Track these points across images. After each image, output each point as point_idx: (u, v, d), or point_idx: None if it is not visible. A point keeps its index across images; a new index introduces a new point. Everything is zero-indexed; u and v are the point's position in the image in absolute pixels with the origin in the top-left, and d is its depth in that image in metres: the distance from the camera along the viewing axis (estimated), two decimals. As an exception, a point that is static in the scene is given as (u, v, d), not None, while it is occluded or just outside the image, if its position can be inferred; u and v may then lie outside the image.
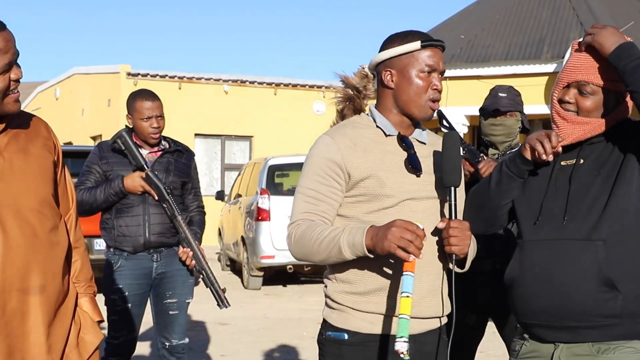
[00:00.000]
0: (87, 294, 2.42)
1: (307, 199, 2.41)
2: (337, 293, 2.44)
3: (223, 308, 4.39)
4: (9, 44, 2.10)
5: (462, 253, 2.33)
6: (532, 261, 2.43)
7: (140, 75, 18.30)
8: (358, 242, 2.26)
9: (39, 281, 2.17)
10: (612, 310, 2.32)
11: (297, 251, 2.41)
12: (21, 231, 2.14)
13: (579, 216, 2.37)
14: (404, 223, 2.19)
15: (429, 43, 2.42)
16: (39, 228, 2.19)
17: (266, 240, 10.69)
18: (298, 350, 7.05)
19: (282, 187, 11.37)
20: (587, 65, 2.42)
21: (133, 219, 4.21)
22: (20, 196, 2.16)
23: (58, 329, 2.24)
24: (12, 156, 2.17)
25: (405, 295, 2.20)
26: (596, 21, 14.92)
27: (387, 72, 2.46)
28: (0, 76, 2.09)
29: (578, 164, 2.44)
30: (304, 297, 10.53)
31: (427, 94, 2.43)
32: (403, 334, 2.17)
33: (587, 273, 2.32)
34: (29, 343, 2.17)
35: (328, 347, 2.45)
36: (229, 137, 19.28)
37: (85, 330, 2.35)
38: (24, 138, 2.23)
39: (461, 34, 16.20)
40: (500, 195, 2.54)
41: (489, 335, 3.87)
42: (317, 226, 2.35)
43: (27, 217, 2.17)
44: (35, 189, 2.21)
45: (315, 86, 19.82)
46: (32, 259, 2.16)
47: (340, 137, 2.44)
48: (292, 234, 2.40)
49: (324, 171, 2.41)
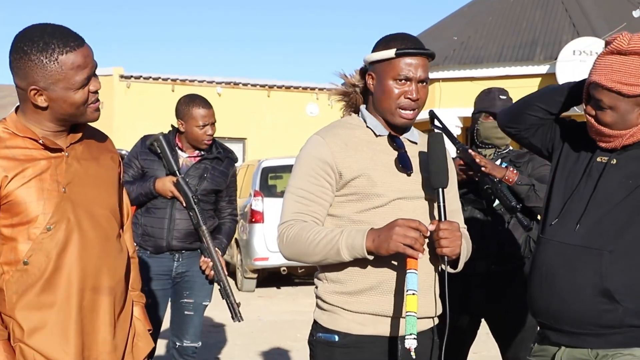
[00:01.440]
0: (140, 303, 2.53)
1: (298, 199, 2.41)
2: (327, 293, 2.44)
3: (236, 321, 4.45)
4: (87, 59, 2.20)
5: (453, 254, 2.33)
6: (541, 260, 2.44)
7: (133, 77, 18.26)
8: (358, 245, 2.26)
9: (108, 282, 2.28)
10: (610, 322, 2.31)
11: (290, 252, 2.40)
12: (95, 233, 2.26)
13: (593, 224, 2.36)
14: (406, 222, 2.21)
15: (403, 52, 2.39)
16: (110, 233, 2.32)
17: (260, 242, 10.69)
18: (292, 352, 7.04)
19: (276, 189, 11.37)
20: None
21: (158, 220, 4.26)
22: (94, 201, 2.29)
23: (121, 331, 2.35)
24: (87, 164, 2.31)
25: (411, 293, 2.21)
26: (589, 23, 14.97)
27: (370, 75, 2.47)
28: (81, 90, 2.20)
29: (610, 163, 2.41)
30: (297, 299, 10.53)
31: (397, 101, 2.41)
32: (412, 331, 2.19)
33: (588, 282, 2.32)
34: (97, 341, 2.27)
35: (319, 349, 2.45)
36: (222, 139, 19.12)
37: (139, 337, 2.45)
38: (96, 148, 2.37)
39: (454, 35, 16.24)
40: (542, 97, 2.60)
41: (482, 336, 3.87)
42: (311, 227, 2.35)
43: (100, 221, 2.29)
44: (107, 197, 2.34)
45: (309, 88, 19.81)
46: (104, 260, 2.28)
47: (331, 137, 2.44)
48: (283, 235, 2.39)
49: (314, 171, 2.41)
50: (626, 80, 2.26)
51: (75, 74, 2.18)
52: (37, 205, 2.17)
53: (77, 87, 2.19)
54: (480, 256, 3.59)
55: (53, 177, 2.21)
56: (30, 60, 2.14)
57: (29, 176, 2.17)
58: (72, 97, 2.20)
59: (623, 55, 2.28)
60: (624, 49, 2.28)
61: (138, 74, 18.50)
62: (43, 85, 2.16)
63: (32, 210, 2.17)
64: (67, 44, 2.17)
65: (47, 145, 2.22)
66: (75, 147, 2.30)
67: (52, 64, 2.15)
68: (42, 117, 2.23)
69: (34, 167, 2.19)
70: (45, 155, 2.22)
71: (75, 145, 2.30)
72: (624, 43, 2.28)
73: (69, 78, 2.17)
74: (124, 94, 17.87)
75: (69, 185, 2.24)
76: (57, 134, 2.26)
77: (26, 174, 2.17)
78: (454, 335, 2.52)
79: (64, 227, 2.20)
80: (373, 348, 2.39)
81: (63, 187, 2.22)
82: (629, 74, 2.26)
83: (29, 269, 2.18)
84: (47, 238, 2.18)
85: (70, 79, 2.17)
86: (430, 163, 2.39)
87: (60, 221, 2.20)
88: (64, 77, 2.17)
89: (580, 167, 2.47)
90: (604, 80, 2.28)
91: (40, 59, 2.14)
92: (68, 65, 2.16)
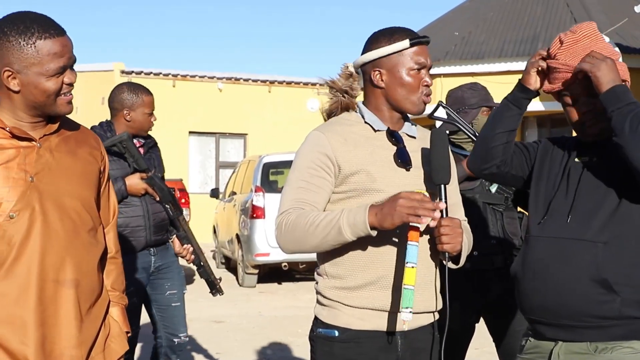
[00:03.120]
0: (119, 304, 2.48)
1: (298, 189, 2.40)
2: (327, 289, 2.43)
3: (217, 295, 4.41)
4: (65, 48, 2.21)
5: (454, 251, 2.33)
6: (533, 257, 2.43)
7: (134, 73, 18.26)
8: (360, 221, 2.23)
9: (73, 275, 2.24)
10: (609, 313, 2.31)
11: (289, 239, 2.36)
12: (62, 224, 2.23)
13: (583, 216, 2.37)
14: (409, 194, 2.21)
15: (416, 41, 2.42)
16: (80, 225, 2.28)
17: (261, 238, 10.69)
18: (292, 348, 7.05)
19: (277, 185, 11.37)
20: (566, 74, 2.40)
21: (134, 219, 4.18)
22: (64, 193, 2.26)
23: (89, 327, 2.29)
24: (61, 155, 2.29)
25: (410, 266, 2.22)
26: (590, 18, 14.94)
27: (376, 71, 2.46)
28: (54, 78, 2.20)
29: (592, 161, 2.43)
30: (298, 294, 10.53)
31: (420, 91, 2.44)
32: (408, 304, 2.20)
33: (584, 274, 2.32)
34: (61, 334, 2.22)
35: (319, 345, 2.45)
36: (223, 134, 19.26)
37: (113, 339, 2.40)
38: (74, 142, 2.35)
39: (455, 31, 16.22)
40: (495, 124, 2.55)
41: (483, 331, 3.87)
42: (310, 212, 2.33)
43: (69, 213, 2.26)
44: (79, 189, 2.31)
45: (310, 83, 19.81)
46: (69, 253, 2.24)
47: (331, 132, 2.44)
48: (282, 223, 2.36)
49: (314, 163, 2.40)
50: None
51: (50, 60, 2.18)
52: (1, 192, 2.16)
53: (50, 75, 2.19)
54: (497, 251, 3.60)
55: (21, 166, 2.20)
56: (9, 41, 2.15)
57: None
58: (44, 84, 2.19)
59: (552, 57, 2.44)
60: (553, 52, 2.43)
61: (139, 69, 18.52)
62: (17, 67, 2.16)
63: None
64: (47, 30, 2.18)
65: (16, 134, 2.21)
66: (50, 138, 2.29)
67: (29, 47, 2.15)
68: (16, 106, 2.22)
69: (1, 155, 2.19)
70: (14, 145, 2.21)
71: (50, 137, 2.29)
72: (555, 47, 2.43)
73: (43, 64, 2.17)
74: (124, 89, 17.85)
75: (38, 175, 2.22)
76: (33, 125, 2.26)
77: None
78: (458, 331, 2.52)
79: (27, 215, 2.18)
80: (372, 343, 2.39)
81: (31, 177, 2.20)
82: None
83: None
84: (10, 226, 2.17)
85: (45, 65, 2.17)
86: (432, 159, 2.39)
87: (24, 209, 2.18)
88: (39, 61, 2.17)
89: (557, 171, 2.49)
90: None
91: (19, 40, 2.15)
92: (45, 51, 2.16)
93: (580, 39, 2.40)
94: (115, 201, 2.56)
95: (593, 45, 2.39)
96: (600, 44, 2.41)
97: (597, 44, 2.40)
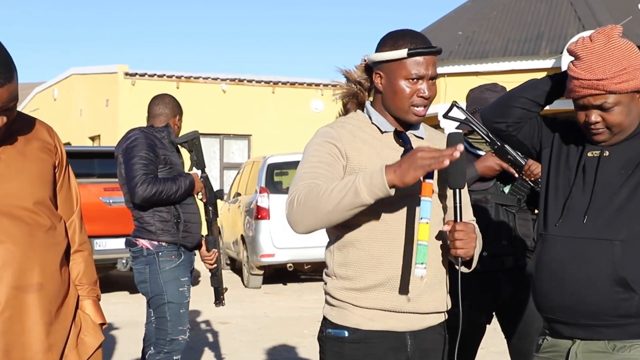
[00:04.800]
0: (90, 297, 2.44)
1: (308, 172, 2.35)
2: (336, 290, 2.43)
3: (219, 306, 4.55)
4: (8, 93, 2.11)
5: (467, 256, 2.32)
6: (549, 256, 2.42)
7: (137, 75, 18.25)
8: (378, 180, 2.16)
9: (37, 279, 2.19)
10: (627, 311, 2.31)
11: (300, 213, 2.26)
12: (18, 229, 2.18)
13: (600, 215, 2.35)
14: (425, 147, 2.18)
15: (416, 52, 2.38)
16: (35, 228, 2.23)
17: (266, 239, 10.68)
18: (298, 349, 7.04)
19: (282, 186, 11.37)
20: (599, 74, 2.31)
21: (194, 216, 4.34)
22: (15, 196, 2.21)
23: (58, 329, 2.25)
24: (9, 159, 2.22)
25: (424, 221, 2.20)
26: (594, 16, 14.92)
27: (378, 74, 2.45)
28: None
29: (603, 156, 2.40)
30: (304, 295, 10.52)
31: (410, 101, 2.40)
32: (422, 260, 2.20)
33: (602, 273, 2.31)
34: (29, 341, 2.18)
35: (329, 345, 2.44)
36: (228, 136, 19.25)
37: (86, 332, 2.37)
38: (22, 141, 2.28)
39: (459, 30, 16.21)
40: (526, 89, 2.56)
41: (489, 332, 3.86)
42: (322, 184, 2.27)
43: (22, 216, 2.21)
44: (31, 190, 2.25)
45: (314, 84, 19.79)
46: (29, 257, 2.19)
47: (340, 128, 2.44)
48: (294, 199, 2.28)
49: (325, 151, 2.38)
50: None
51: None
52: None
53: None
54: (508, 252, 3.59)
55: None
56: None
57: None
58: None
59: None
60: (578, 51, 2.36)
61: (143, 71, 18.51)
62: None
63: None
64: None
65: None
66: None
67: None
68: None
69: None
70: None
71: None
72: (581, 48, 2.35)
73: None
74: (128, 91, 17.88)
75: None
76: None
77: None
78: (468, 332, 2.52)
79: None
80: (382, 343, 2.38)
81: None
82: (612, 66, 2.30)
83: None
84: None
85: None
86: (448, 164, 2.36)
87: None
88: None
89: (572, 164, 2.46)
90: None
91: None
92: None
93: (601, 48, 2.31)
94: (77, 188, 2.50)
95: (621, 56, 2.30)
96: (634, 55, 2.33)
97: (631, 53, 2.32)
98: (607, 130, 2.38)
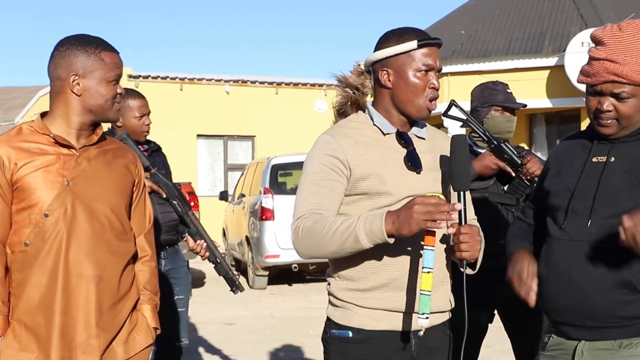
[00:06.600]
0: (150, 303, 2.67)
1: (311, 194, 2.39)
2: (340, 290, 2.44)
3: (237, 292, 4.28)
4: (120, 62, 2.55)
5: (472, 258, 2.33)
6: (555, 260, 2.43)
7: (141, 77, 18.28)
8: (377, 229, 2.21)
9: (97, 272, 2.45)
10: (633, 312, 2.32)
11: (306, 245, 2.35)
12: (90, 225, 2.46)
13: (603, 220, 2.35)
14: (424, 198, 2.17)
15: (425, 42, 2.41)
16: (107, 228, 2.50)
17: (270, 240, 10.70)
18: (304, 349, 7.05)
19: (286, 186, 11.38)
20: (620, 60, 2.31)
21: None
22: (96, 198, 2.50)
23: (110, 321, 2.49)
24: (98, 165, 2.54)
25: (426, 271, 2.20)
26: (597, 14, 14.89)
27: (384, 71, 2.45)
28: (112, 84, 2.51)
29: (609, 161, 2.41)
30: (309, 295, 10.54)
31: (425, 93, 2.42)
32: (425, 310, 2.20)
33: (608, 276, 2.32)
34: (81, 324, 2.43)
35: (333, 346, 2.45)
36: (232, 137, 19.26)
37: (139, 331, 2.59)
38: (111, 155, 2.61)
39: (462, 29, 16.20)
40: None
41: (495, 330, 3.86)
42: (326, 218, 2.32)
43: (98, 216, 2.49)
44: (110, 196, 2.54)
45: (317, 84, 19.80)
46: (94, 251, 2.46)
47: (340, 135, 2.44)
48: (298, 229, 2.35)
49: (326, 166, 2.40)
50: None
51: (110, 69, 2.52)
52: (40, 192, 2.42)
53: (109, 81, 2.51)
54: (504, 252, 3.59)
55: (59, 170, 2.46)
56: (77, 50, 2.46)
57: (36, 166, 2.43)
58: (104, 89, 2.50)
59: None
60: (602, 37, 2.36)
61: (146, 73, 18.54)
62: (82, 73, 2.47)
63: (35, 196, 2.42)
64: (108, 46, 2.53)
65: (59, 141, 2.47)
66: (89, 149, 2.54)
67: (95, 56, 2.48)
68: (71, 111, 2.48)
69: (43, 159, 2.45)
70: (57, 151, 2.48)
71: (89, 148, 2.54)
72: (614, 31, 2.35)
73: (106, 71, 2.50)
74: (132, 93, 17.88)
75: (74, 180, 2.46)
76: (79, 133, 2.52)
77: (35, 164, 2.43)
78: (470, 330, 2.52)
79: (59, 215, 2.43)
80: (386, 343, 2.39)
81: (67, 181, 2.45)
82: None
83: (29, 250, 2.42)
84: (44, 223, 2.42)
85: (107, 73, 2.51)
86: (452, 166, 2.36)
87: (57, 209, 2.43)
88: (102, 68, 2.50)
89: (576, 169, 2.47)
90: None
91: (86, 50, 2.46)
92: (108, 60, 2.50)
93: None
94: (151, 210, 2.77)
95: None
96: None
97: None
98: (615, 122, 2.38)
